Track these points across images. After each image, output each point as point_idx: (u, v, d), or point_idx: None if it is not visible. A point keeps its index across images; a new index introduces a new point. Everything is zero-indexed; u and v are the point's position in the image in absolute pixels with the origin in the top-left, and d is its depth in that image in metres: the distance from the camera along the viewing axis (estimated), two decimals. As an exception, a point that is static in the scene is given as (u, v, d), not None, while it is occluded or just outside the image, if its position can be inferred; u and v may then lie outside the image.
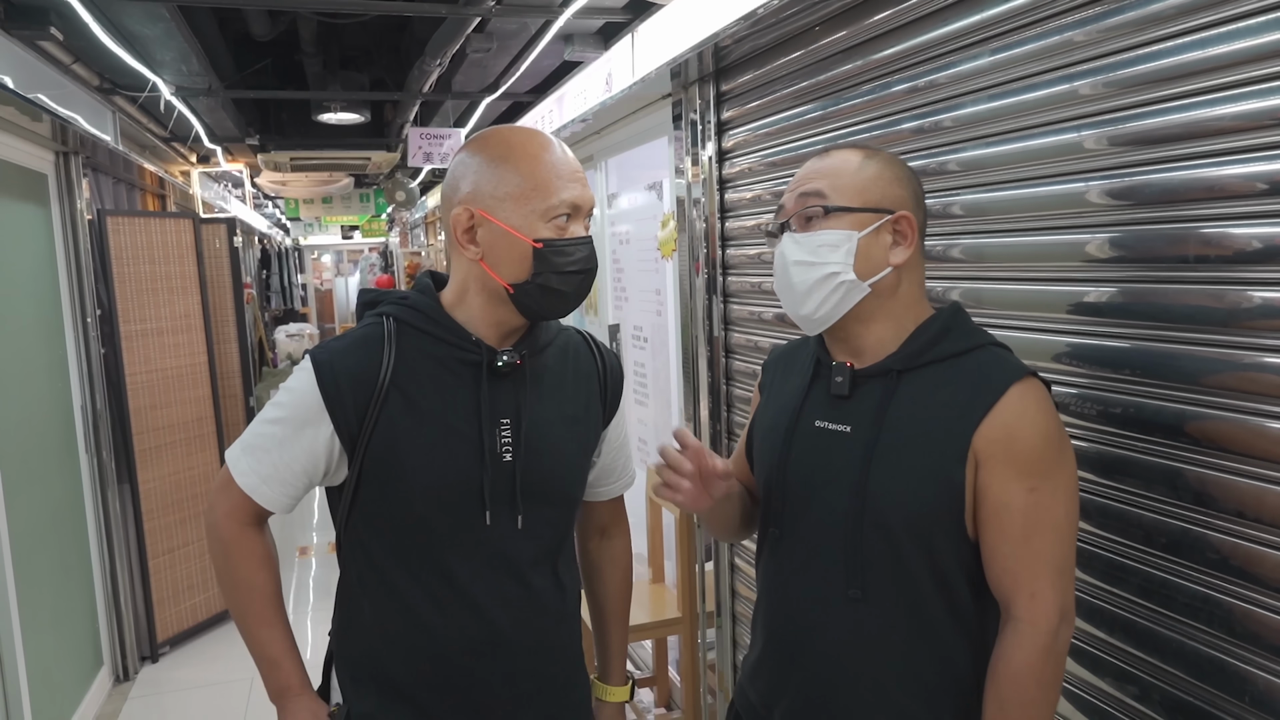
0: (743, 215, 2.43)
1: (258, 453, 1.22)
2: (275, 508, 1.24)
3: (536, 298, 1.19)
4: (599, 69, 2.97)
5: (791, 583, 1.21)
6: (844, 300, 1.15)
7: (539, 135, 1.22)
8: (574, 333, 1.38)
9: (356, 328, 1.26)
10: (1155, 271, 1.20)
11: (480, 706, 1.25)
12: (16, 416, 2.84)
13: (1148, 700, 1.24)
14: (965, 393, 1.09)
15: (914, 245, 1.15)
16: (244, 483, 1.22)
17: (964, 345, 1.13)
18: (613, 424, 1.39)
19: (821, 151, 1.21)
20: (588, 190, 1.21)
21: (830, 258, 1.14)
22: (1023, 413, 1.06)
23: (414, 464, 1.19)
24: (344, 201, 9.55)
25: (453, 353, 1.22)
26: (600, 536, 1.48)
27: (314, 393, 1.18)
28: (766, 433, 1.28)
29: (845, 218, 1.14)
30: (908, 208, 1.15)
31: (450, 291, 1.27)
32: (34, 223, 3.20)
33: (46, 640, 2.94)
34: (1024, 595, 1.06)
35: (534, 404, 1.25)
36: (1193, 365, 1.15)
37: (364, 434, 1.19)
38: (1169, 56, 1.17)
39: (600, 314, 3.79)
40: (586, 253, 1.20)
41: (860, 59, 1.84)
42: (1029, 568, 1.05)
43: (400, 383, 1.20)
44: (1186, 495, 1.16)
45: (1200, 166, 1.13)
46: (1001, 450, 1.06)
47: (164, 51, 3.17)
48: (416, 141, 4.40)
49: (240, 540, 1.24)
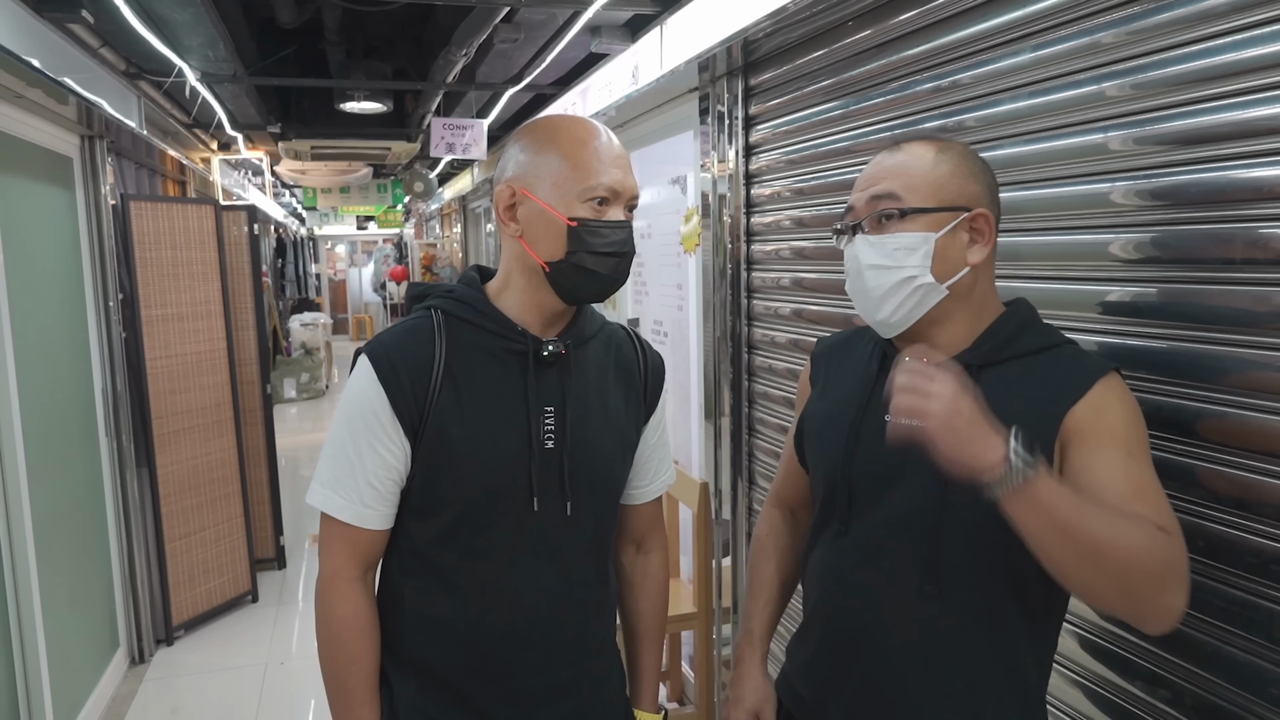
0: (768, 211, 2.42)
1: (343, 480, 1.20)
2: (385, 524, 1.23)
3: (571, 277, 1.19)
4: (625, 61, 2.97)
5: (854, 578, 1.19)
6: (921, 303, 1.12)
7: (585, 122, 1.23)
8: (618, 327, 1.39)
9: (404, 320, 1.27)
10: (1192, 272, 1.19)
11: (518, 694, 1.25)
12: (40, 399, 2.85)
13: (1180, 705, 1.23)
14: (1050, 387, 1.07)
15: (991, 243, 1.13)
16: (346, 516, 1.20)
17: (1042, 343, 1.12)
18: (652, 421, 1.39)
19: (891, 146, 1.18)
20: (629, 178, 1.21)
21: (907, 261, 1.11)
22: (1111, 400, 1.04)
23: (465, 451, 1.19)
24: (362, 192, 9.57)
25: (499, 343, 1.23)
26: (636, 549, 1.46)
27: (375, 387, 1.18)
28: (825, 426, 1.26)
29: (921, 219, 1.11)
30: (983, 204, 1.12)
31: (497, 278, 1.28)
32: (59, 206, 3.21)
33: (65, 622, 2.96)
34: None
35: (577, 393, 1.26)
36: (1233, 366, 1.14)
37: (423, 422, 1.19)
38: (1200, 59, 1.16)
39: (620, 308, 3.79)
40: (622, 236, 1.21)
41: (887, 57, 1.84)
42: (1152, 515, 0.96)
43: (452, 372, 1.20)
44: (1226, 499, 1.15)
45: (1237, 168, 1.12)
46: (1090, 426, 1.03)
47: (191, 37, 3.17)
48: (439, 131, 4.40)
49: (349, 605, 1.21)
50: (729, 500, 2.67)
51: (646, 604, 1.46)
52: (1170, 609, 0.95)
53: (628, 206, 1.23)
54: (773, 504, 1.48)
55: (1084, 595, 0.99)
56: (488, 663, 1.24)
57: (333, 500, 1.20)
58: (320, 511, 1.22)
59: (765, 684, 1.36)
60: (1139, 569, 0.92)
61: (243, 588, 4.22)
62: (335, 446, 1.21)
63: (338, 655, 1.22)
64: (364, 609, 1.23)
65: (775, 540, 1.44)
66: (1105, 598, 0.97)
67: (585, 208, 1.18)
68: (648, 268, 3.52)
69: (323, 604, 1.22)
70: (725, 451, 2.67)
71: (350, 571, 1.22)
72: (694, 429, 3.11)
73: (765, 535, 1.46)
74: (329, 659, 1.23)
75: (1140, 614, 0.97)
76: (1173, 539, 0.96)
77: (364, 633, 1.23)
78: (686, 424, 3.16)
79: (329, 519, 1.21)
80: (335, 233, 16.03)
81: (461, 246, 9.62)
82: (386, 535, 1.24)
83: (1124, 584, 0.93)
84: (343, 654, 1.22)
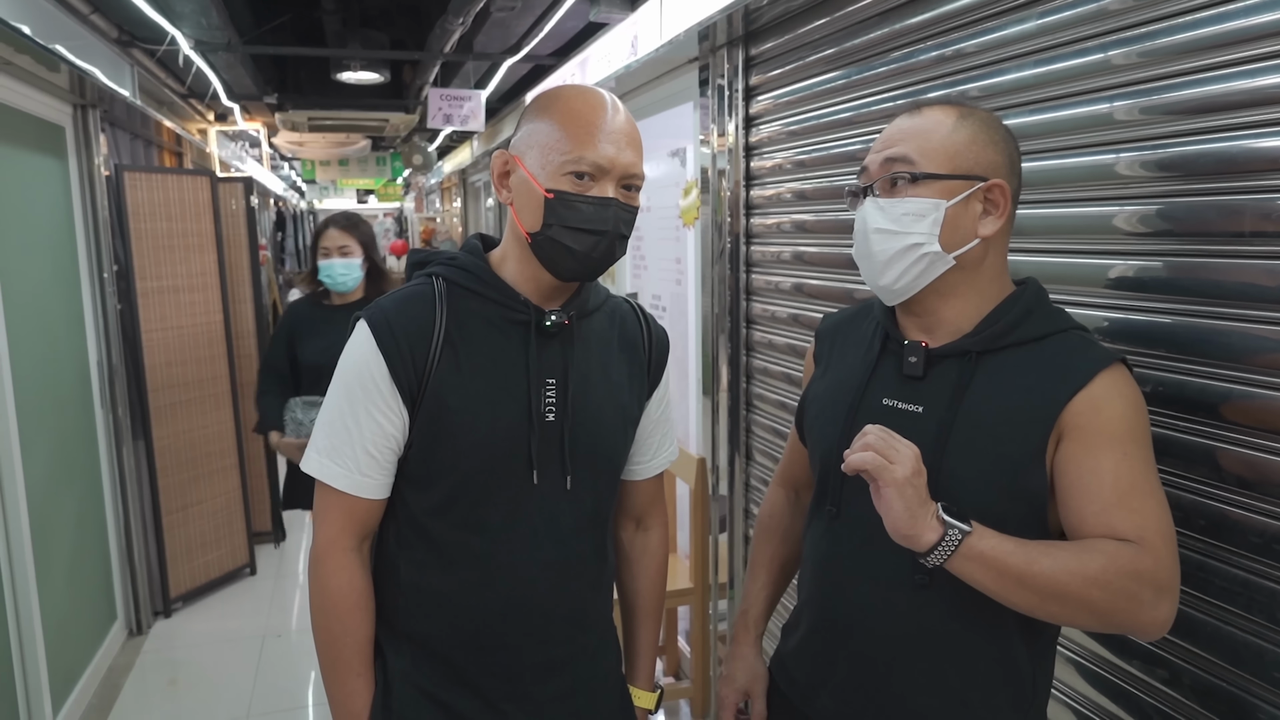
0: (768, 183, 2.39)
1: (340, 448, 1.17)
2: (383, 493, 1.21)
3: (549, 251, 1.16)
4: (625, 31, 2.92)
5: (847, 562, 1.17)
6: (926, 272, 1.09)
7: (591, 93, 1.18)
8: (623, 301, 1.36)
9: (405, 286, 1.24)
10: (1200, 245, 1.16)
11: (512, 668, 1.24)
12: (33, 370, 2.84)
13: (1177, 684, 1.21)
14: (1051, 378, 1.03)
15: (1005, 215, 1.08)
16: (343, 484, 1.17)
17: (1047, 329, 1.08)
18: (655, 395, 1.37)
19: (912, 108, 1.13)
20: (625, 155, 1.15)
21: (915, 228, 1.07)
22: (1111, 395, 1.01)
23: (464, 421, 1.17)
24: (360, 164, 9.51)
25: (501, 312, 1.20)
26: (636, 526, 1.45)
27: (375, 353, 1.15)
28: (825, 406, 1.23)
29: (933, 185, 1.07)
30: (1001, 174, 1.08)
31: (500, 248, 1.26)
32: (52, 176, 3.17)
33: (61, 593, 2.96)
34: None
35: (580, 366, 1.23)
36: (1241, 343, 1.11)
37: (421, 390, 1.16)
38: (1211, 25, 1.12)
39: (618, 282, 3.76)
40: (604, 214, 1.14)
41: (890, 25, 1.80)
42: (1129, 524, 0.96)
43: (452, 341, 1.18)
44: (1230, 477, 1.13)
45: (1248, 138, 1.09)
46: (1087, 422, 1.00)
47: (183, 3, 3.12)
48: (436, 102, 4.35)
49: (344, 575, 1.19)
50: (726, 476, 2.66)
51: (645, 581, 1.44)
52: (1154, 622, 0.96)
53: (623, 185, 1.16)
54: (778, 483, 1.46)
55: (1065, 625, 1.00)
56: (483, 636, 1.22)
57: (329, 468, 1.18)
58: (316, 480, 1.20)
59: (757, 664, 1.35)
60: (1105, 594, 0.94)
61: (240, 560, 4.22)
62: (332, 413, 1.19)
63: (332, 626, 1.21)
64: (359, 580, 1.21)
65: (776, 522, 1.43)
66: (1083, 626, 1.00)
67: (565, 180, 1.13)
68: (646, 241, 3.49)
69: (317, 574, 1.20)
70: (723, 427, 2.65)
71: (346, 541, 1.20)
72: (692, 404, 3.09)
73: (767, 516, 1.44)
74: (323, 629, 1.21)
75: (1127, 631, 0.99)
76: (1144, 551, 0.95)
77: (359, 604, 1.21)
78: (685, 399, 3.14)
79: (325, 487, 1.19)
80: (336, 206, 15.97)
81: (461, 221, 9.57)
82: (383, 505, 1.22)
83: (1094, 611, 0.95)
84: (337, 625, 1.21)
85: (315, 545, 1.21)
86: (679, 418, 3.29)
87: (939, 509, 0.98)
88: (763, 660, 1.36)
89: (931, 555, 0.97)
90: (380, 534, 1.27)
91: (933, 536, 0.96)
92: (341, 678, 1.22)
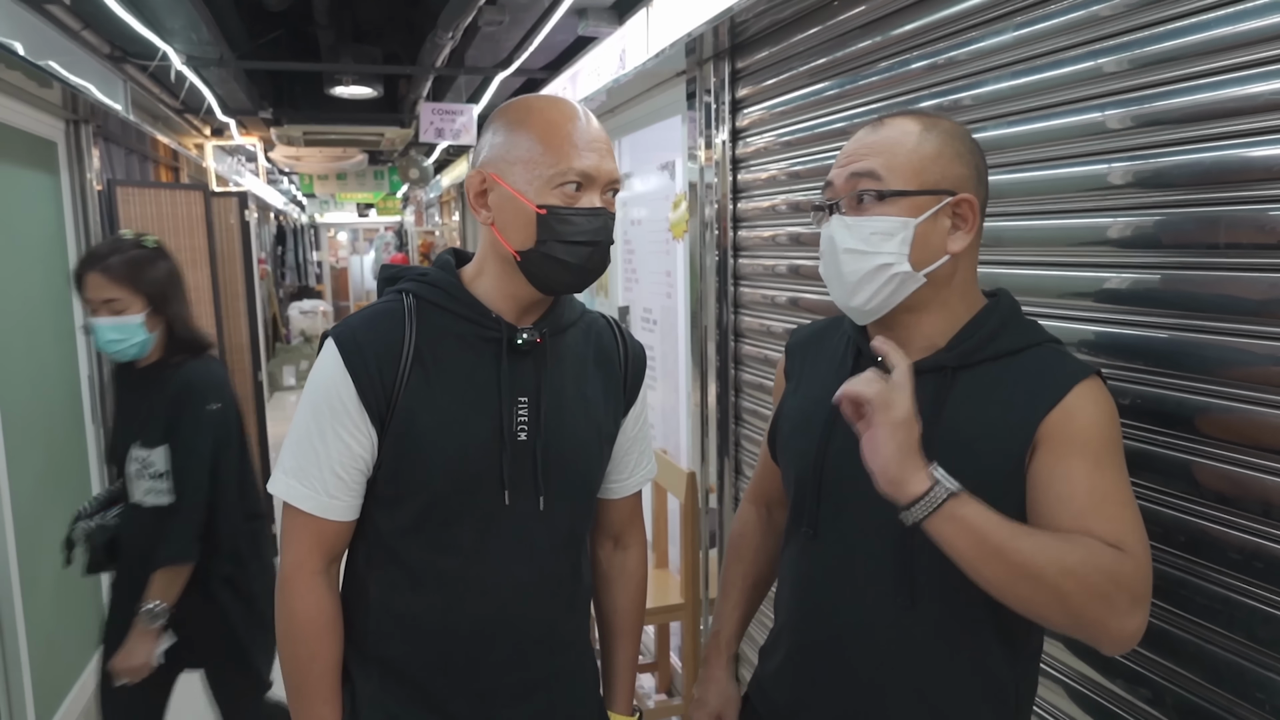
0: (756, 196, 2.38)
1: (307, 469, 1.15)
2: (351, 515, 1.18)
3: (542, 266, 1.14)
4: (613, 45, 2.92)
5: (826, 586, 1.14)
6: (897, 292, 1.07)
7: (562, 103, 1.16)
8: (598, 316, 1.34)
9: (375, 303, 1.22)
10: (1181, 258, 1.14)
11: (484, 692, 1.21)
12: (23, 385, 2.82)
13: (1160, 704, 1.19)
14: (1028, 392, 1.02)
15: (974, 229, 1.07)
16: (309, 506, 1.15)
17: (1021, 343, 1.06)
18: (631, 412, 1.34)
19: (875, 120, 1.12)
20: (606, 162, 1.14)
21: (884, 247, 1.05)
22: (1085, 405, 0.99)
23: (433, 440, 1.15)
24: (358, 178, 9.53)
25: (472, 329, 1.18)
26: (614, 544, 1.42)
27: (341, 372, 1.13)
28: (798, 425, 1.21)
29: (900, 202, 1.05)
30: (969, 188, 1.06)
31: (473, 264, 1.23)
32: (44, 191, 3.17)
33: (48, 611, 2.94)
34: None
35: (553, 384, 1.21)
36: (1217, 356, 1.10)
37: (390, 410, 1.14)
38: (1197, 32, 1.11)
39: (610, 295, 3.75)
40: (596, 225, 1.13)
41: (879, 35, 1.79)
42: (1107, 530, 0.94)
43: (422, 358, 1.16)
44: (1209, 492, 1.11)
45: (1237, 147, 1.07)
46: (1061, 431, 0.98)
47: (173, 19, 3.13)
48: (429, 117, 4.36)
49: (310, 599, 1.17)
50: (716, 490, 2.64)
51: (623, 601, 1.41)
52: (1122, 631, 0.92)
53: (606, 192, 1.16)
54: (749, 500, 1.44)
55: (1030, 617, 0.96)
56: (454, 659, 1.20)
57: (295, 490, 1.16)
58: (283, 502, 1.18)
59: (729, 687, 1.32)
60: (1079, 587, 0.90)
61: (233, 576, 4.19)
62: (299, 433, 1.17)
63: (298, 651, 1.18)
64: (327, 604, 1.19)
65: (748, 541, 1.40)
66: (1050, 619, 0.95)
67: (556, 194, 1.11)
68: (638, 255, 3.48)
69: (283, 598, 1.18)
70: (713, 441, 2.63)
71: (313, 564, 1.18)
72: (682, 418, 3.07)
73: (738, 535, 1.42)
74: (289, 655, 1.19)
75: (1093, 636, 0.94)
76: (1126, 556, 0.93)
77: (326, 628, 1.19)
78: (675, 413, 3.13)
79: (291, 509, 1.17)
80: (337, 220, 15.97)
81: (460, 234, 9.58)
82: (352, 527, 1.20)
83: (1065, 604, 0.92)
84: (304, 650, 1.18)
85: (282, 568, 1.19)
86: (670, 431, 3.28)
87: (934, 464, 0.95)
88: (735, 683, 1.33)
89: (914, 509, 0.94)
90: (350, 555, 1.25)
91: (919, 487, 0.93)
92: (308, 703, 1.19)
